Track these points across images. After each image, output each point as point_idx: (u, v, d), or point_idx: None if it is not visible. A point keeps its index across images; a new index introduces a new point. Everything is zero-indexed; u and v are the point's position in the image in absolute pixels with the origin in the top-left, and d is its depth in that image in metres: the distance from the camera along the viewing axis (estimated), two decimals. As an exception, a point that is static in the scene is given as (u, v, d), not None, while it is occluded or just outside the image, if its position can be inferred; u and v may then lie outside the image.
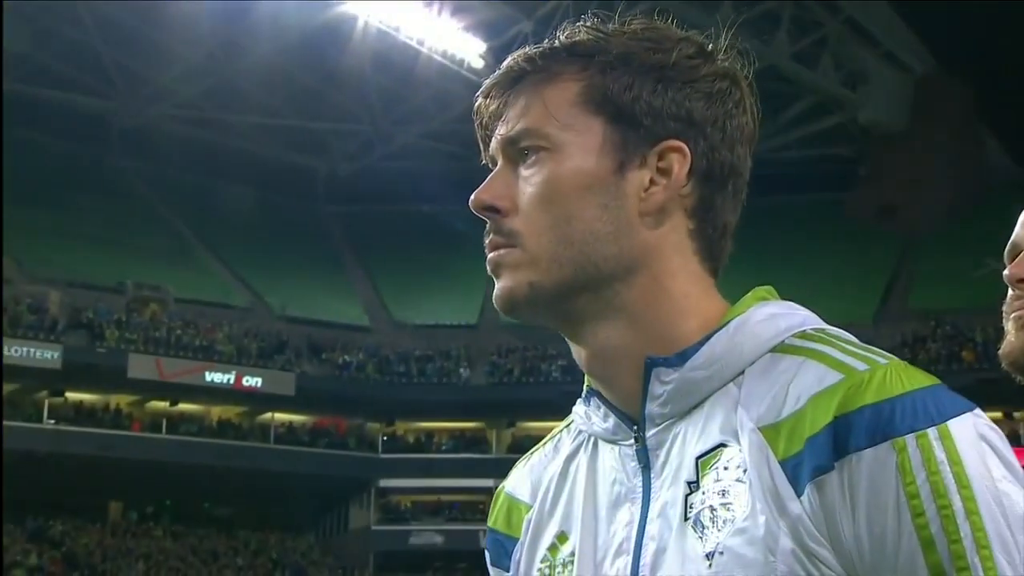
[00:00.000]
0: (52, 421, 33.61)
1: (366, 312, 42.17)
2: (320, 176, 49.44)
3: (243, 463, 35.14)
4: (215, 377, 35.13)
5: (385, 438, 39.04)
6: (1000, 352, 1.45)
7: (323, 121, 46.30)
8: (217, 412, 37.64)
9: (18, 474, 31.76)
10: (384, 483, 38.09)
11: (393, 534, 37.37)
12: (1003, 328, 1.46)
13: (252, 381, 35.63)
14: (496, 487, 1.21)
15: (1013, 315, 1.44)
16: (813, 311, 1.07)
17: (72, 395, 34.68)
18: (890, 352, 1.00)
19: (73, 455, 32.37)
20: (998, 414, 34.82)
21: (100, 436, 33.50)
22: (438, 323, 40.79)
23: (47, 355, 32.41)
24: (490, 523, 1.19)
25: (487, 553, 1.20)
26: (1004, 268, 1.46)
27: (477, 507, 38.32)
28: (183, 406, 36.40)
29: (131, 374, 33.55)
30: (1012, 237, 1.47)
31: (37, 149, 41.14)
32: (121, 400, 35.91)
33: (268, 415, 37.71)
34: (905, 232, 41.66)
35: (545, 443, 1.19)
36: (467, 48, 38.80)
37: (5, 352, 31.44)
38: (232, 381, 35.33)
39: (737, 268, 1.12)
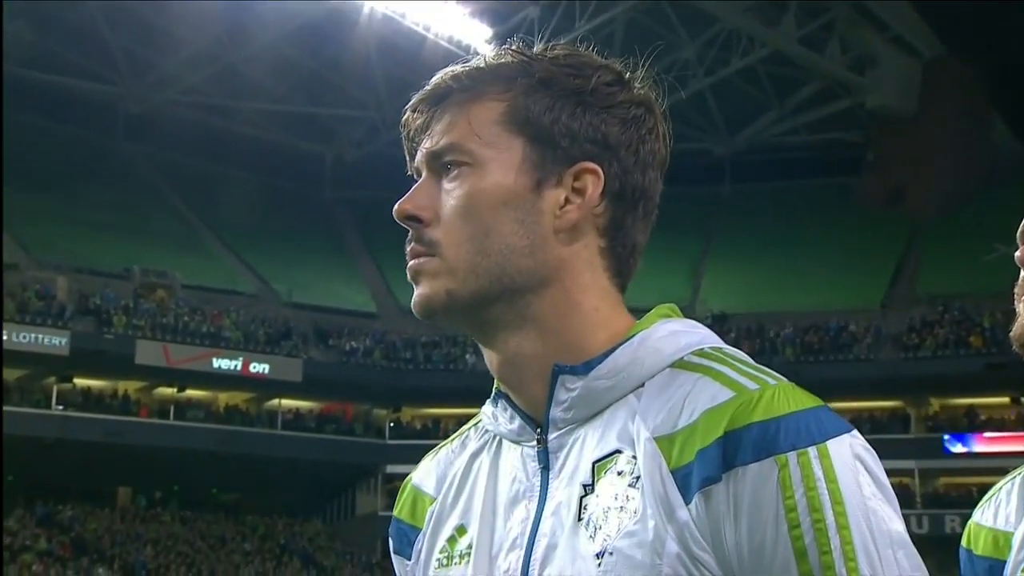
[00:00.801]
0: (60, 407, 33.72)
1: (373, 298, 42.22)
2: (327, 162, 49.42)
3: (250, 449, 35.25)
4: (222, 363, 35.21)
5: (392, 424, 39.13)
6: (1011, 334, 1.45)
7: (329, 107, 46.26)
8: (224, 398, 37.74)
9: (27, 460, 31.96)
10: (391, 469, 38.15)
11: (400, 520, 37.45)
12: (1013, 311, 1.46)
13: (259, 367, 35.70)
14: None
15: (1024, 297, 1.43)
16: (821, 296, 1.09)
17: (80, 381, 34.78)
18: (898, 337, 1.02)
19: (81, 441, 32.50)
20: (1006, 399, 34.84)
21: (108, 422, 33.62)
22: (445, 309, 40.77)
23: (55, 341, 32.50)
24: (395, 512, 1.25)
25: (391, 541, 1.24)
26: (1015, 251, 1.45)
27: (484, 492, 38.48)
28: (190, 392, 36.50)
29: (139, 360, 33.64)
30: None
31: (44, 135, 41.18)
32: (129, 386, 36.01)
33: (275, 401, 37.80)
34: (913, 217, 41.53)
35: (453, 439, 1.24)
36: (473, 34, 38.67)
37: (14, 339, 31.56)
38: (239, 367, 35.42)
39: (746, 253, 1.12)
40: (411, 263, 1.11)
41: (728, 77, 40.98)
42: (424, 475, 1.23)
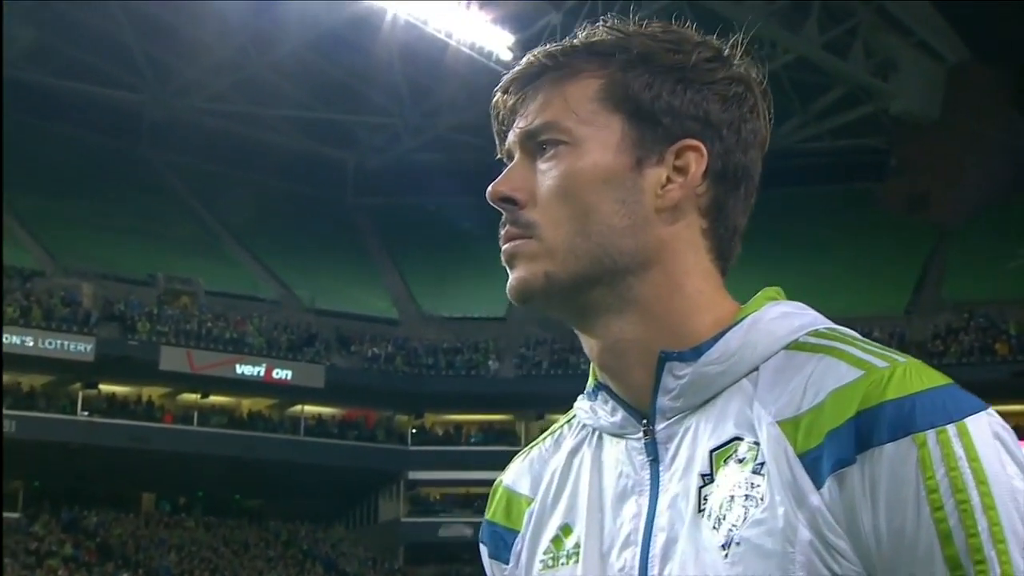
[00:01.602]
0: (86, 413, 33.94)
1: (395, 304, 42.30)
2: (349, 169, 49.58)
3: (273, 455, 35.37)
4: (245, 370, 35.36)
5: (414, 430, 39.16)
6: None
7: (352, 114, 46.41)
8: (247, 404, 37.89)
9: (52, 465, 32.20)
10: (413, 475, 38.20)
11: (422, 526, 37.49)
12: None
13: (282, 374, 35.82)
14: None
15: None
16: (845, 302, 1.07)
17: (105, 387, 35.01)
18: (922, 344, 1.01)
19: (106, 447, 32.70)
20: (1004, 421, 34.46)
21: (133, 428, 33.81)
22: (466, 315, 40.84)
23: (80, 348, 32.71)
24: (488, 516, 1.21)
25: (484, 546, 1.21)
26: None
27: (506, 499, 38.39)
28: (214, 398, 36.66)
29: (163, 366, 33.83)
30: None
31: (68, 142, 41.53)
32: (153, 392, 36.22)
33: (298, 407, 37.92)
34: (937, 223, 41.26)
35: (544, 438, 1.21)
36: (495, 41, 38.73)
37: (40, 345, 31.84)
38: (262, 374, 35.55)
39: (769, 258, 1.12)
40: (506, 246, 1.07)
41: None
42: (517, 476, 1.20)
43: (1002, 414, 0.87)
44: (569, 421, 1.18)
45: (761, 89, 1.11)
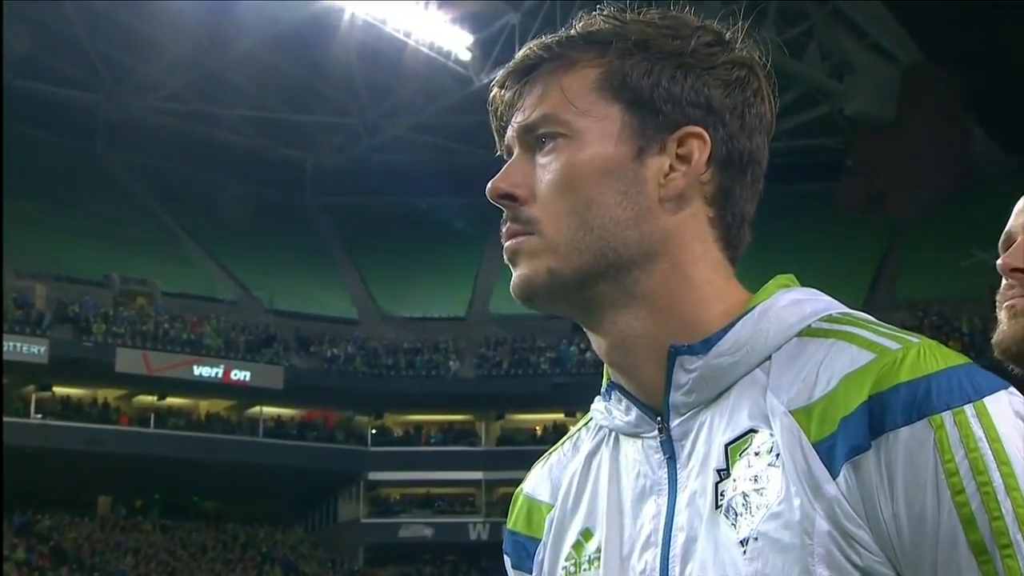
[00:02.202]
0: (39, 416, 33.50)
1: (354, 305, 42.13)
2: (307, 168, 49.33)
3: (232, 457, 35.10)
4: (203, 371, 35.06)
5: (374, 431, 39.03)
6: (992, 341, 1.44)
7: (310, 113, 46.18)
8: (205, 406, 37.57)
9: (5, 469, 31.69)
10: (373, 476, 38.07)
11: (382, 527, 37.38)
12: (992, 316, 1.46)
13: (240, 375, 35.56)
14: (485, 479, 1.20)
15: (1006, 304, 1.43)
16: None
17: (59, 389, 34.57)
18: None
19: (61, 450, 32.30)
20: None
21: (88, 430, 33.41)
22: (426, 315, 40.77)
23: (33, 350, 32.27)
24: (509, 525, 1.18)
25: (507, 556, 1.18)
26: (997, 257, 1.46)
27: (466, 499, 38.35)
28: (171, 400, 36.33)
29: (119, 368, 33.46)
30: (1007, 227, 1.47)
31: (24, 141, 40.91)
32: (109, 394, 35.81)
33: (257, 409, 37.65)
34: (892, 222, 41.77)
35: (563, 443, 1.18)
36: (454, 40, 38.71)
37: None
38: (220, 375, 35.27)
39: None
40: (508, 244, 1.04)
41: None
42: (536, 483, 1.17)
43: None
44: (587, 424, 1.15)
45: (765, 72, 1.08)
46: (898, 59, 43.04)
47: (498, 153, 1.10)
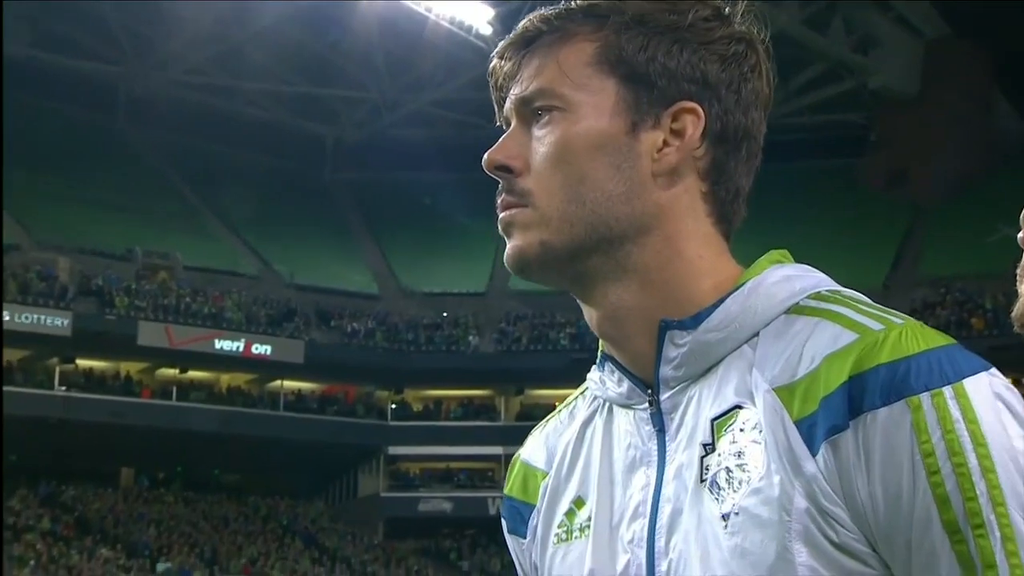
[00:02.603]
0: (63, 388, 33.81)
1: (375, 280, 42.23)
2: (328, 143, 49.33)
3: (252, 430, 35.34)
4: (224, 345, 35.27)
5: (394, 406, 39.20)
6: (1012, 315, 1.43)
7: (331, 88, 46.14)
8: (226, 380, 37.81)
9: (30, 440, 32.05)
10: (393, 450, 38.28)
11: (402, 501, 37.60)
12: (1015, 293, 1.45)
13: (261, 349, 35.76)
14: (504, 454, 1.21)
15: (1027, 278, 1.42)
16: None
17: (82, 362, 34.86)
18: (899, 319, 0.99)
19: (84, 421, 32.61)
20: (1008, 381, 34.84)
21: (111, 403, 33.71)
22: (447, 291, 40.82)
23: (57, 322, 32.55)
24: (506, 491, 1.20)
25: (504, 521, 1.20)
26: (1017, 232, 1.44)
27: (485, 474, 38.51)
28: (193, 373, 36.57)
29: (141, 341, 33.71)
30: None
31: (46, 116, 41.12)
32: (131, 367, 36.09)
33: (277, 383, 37.88)
34: (916, 198, 41.47)
35: (560, 410, 1.19)
36: (475, 14, 38.54)
37: (16, 319, 31.61)
38: (241, 349, 35.47)
39: (747, 234, 1.12)
40: (502, 215, 1.05)
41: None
42: (533, 450, 1.18)
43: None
44: (583, 392, 1.17)
45: (764, 47, 1.08)
46: (923, 33, 42.58)
47: (497, 124, 1.10)
